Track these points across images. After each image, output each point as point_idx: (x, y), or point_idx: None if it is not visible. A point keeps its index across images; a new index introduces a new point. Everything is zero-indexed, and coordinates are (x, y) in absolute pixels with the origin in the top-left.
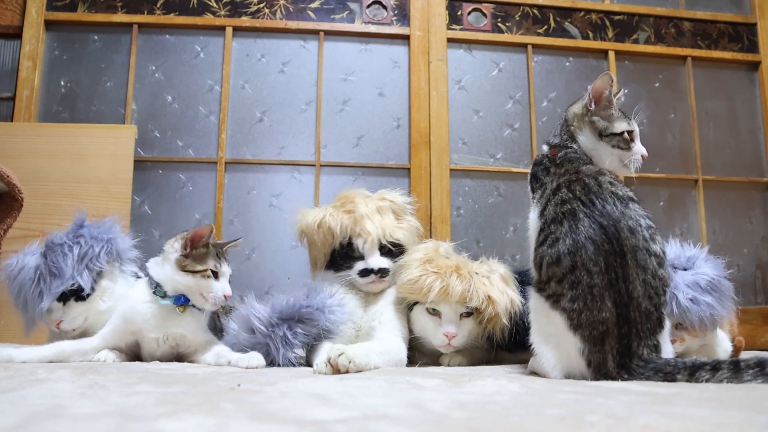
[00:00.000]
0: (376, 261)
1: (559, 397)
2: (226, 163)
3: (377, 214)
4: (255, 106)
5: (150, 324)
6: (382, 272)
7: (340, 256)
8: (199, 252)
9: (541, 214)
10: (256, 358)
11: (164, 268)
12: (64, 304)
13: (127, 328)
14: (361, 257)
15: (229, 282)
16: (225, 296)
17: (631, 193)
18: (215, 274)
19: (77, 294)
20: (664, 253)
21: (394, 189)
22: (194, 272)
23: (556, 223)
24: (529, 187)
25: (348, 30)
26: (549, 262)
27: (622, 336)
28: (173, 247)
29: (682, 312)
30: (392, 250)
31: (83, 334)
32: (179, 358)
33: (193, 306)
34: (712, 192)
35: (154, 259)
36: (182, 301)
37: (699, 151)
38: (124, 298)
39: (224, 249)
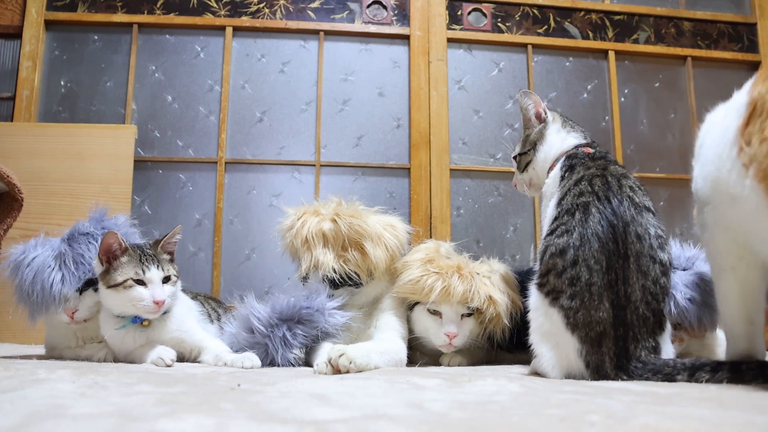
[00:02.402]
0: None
1: (559, 397)
2: (226, 163)
3: (321, 240)
4: (255, 106)
5: (134, 344)
6: None
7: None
8: (118, 262)
9: (559, 203)
10: (250, 359)
11: (100, 291)
12: (80, 293)
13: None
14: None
15: (168, 281)
16: (155, 302)
17: (649, 204)
18: (140, 282)
19: (94, 284)
20: (670, 263)
21: (356, 202)
22: (116, 286)
23: (569, 214)
24: (560, 176)
25: (348, 30)
26: (552, 252)
27: (618, 338)
28: (97, 267)
29: (681, 312)
30: (341, 279)
31: (85, 327)
32: (181, 358)
33: (165, 312)
34: None
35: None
36: (137, 320)
37: None
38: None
39: (158, 248)
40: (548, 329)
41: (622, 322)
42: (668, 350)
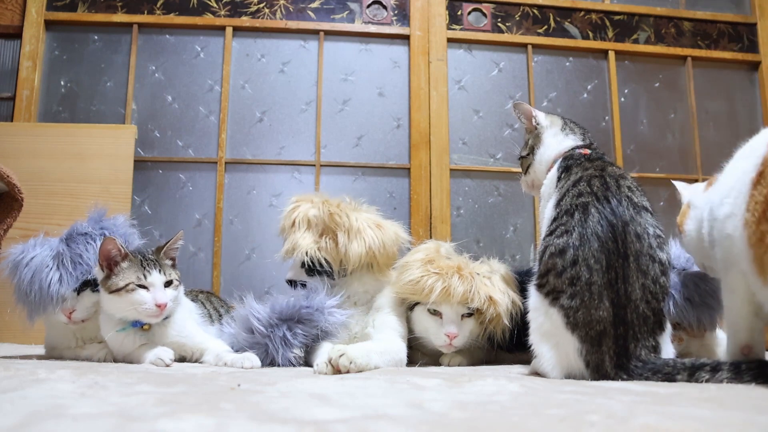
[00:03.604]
0: (288, 273)
1: (559, 397)
2: (226, 163)
3: (305, 224)
4: (255, 106)
5: (133, 347)
6: (297, 285)
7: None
8: (119, 268)
9: (558, 204)
10: (250, 359)
11: (102, 296)
12: (78, 294)
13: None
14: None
15: (170, 285)
16: (158, 305)
17: (647, 204)
18: (142, 286)
19: (92, 285)
20: (669, 263)
21: (340, 196)
22: (118, 290)
23: (568, 214)
24: (557, 177)
25: (348, 30)
26: (552, 252)
27: (618, 337)
28: (98, 273)
29: (681, 312)
30: (312, 265)
31: (84, 328)
32: (183, 359)
33: (166, 317)
34: None
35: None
36: (137, 324)
37: (699, 151)
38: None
39: (161, 254)
40: (548, 329)
41: (623, 320)
42: (668, 350)
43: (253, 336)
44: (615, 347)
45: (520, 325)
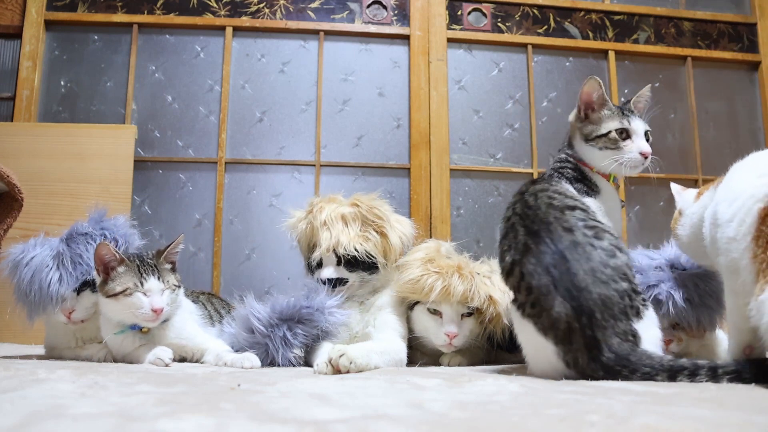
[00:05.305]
0: (326, 272)
1: (559, 397)
2: (226, 163)
3: (340, 222)
4: (255, 106)
5: (132, 347)
6: (336, 283)
7: (312, 260)
8: (116, 273)
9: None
10: (250, 359)
11: (99, 300)
12: (78, 294)
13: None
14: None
15: (168, 290)
16: (154, 310)
17: (573, 203)
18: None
19: (92, 285)
20: (618, 248)
21: (374, 193)
22: (115, 295)
23: (503, 237)
24: None
25: (348, 30)
26: (505, 276)
27: (584, 328)
28: (97, 277)
29: (680, 312)
30: (360, 259)
31: (83, 328)
32: (183, 359)
33: (165, 321)
34: None
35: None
36: (135, 327)
37: (699, 151)
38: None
39: (161, 259)
40: (527, 338)
41: (582, 309)
42: (647, 338)
43: (254, 336)
44: (584, 340)
45: None
